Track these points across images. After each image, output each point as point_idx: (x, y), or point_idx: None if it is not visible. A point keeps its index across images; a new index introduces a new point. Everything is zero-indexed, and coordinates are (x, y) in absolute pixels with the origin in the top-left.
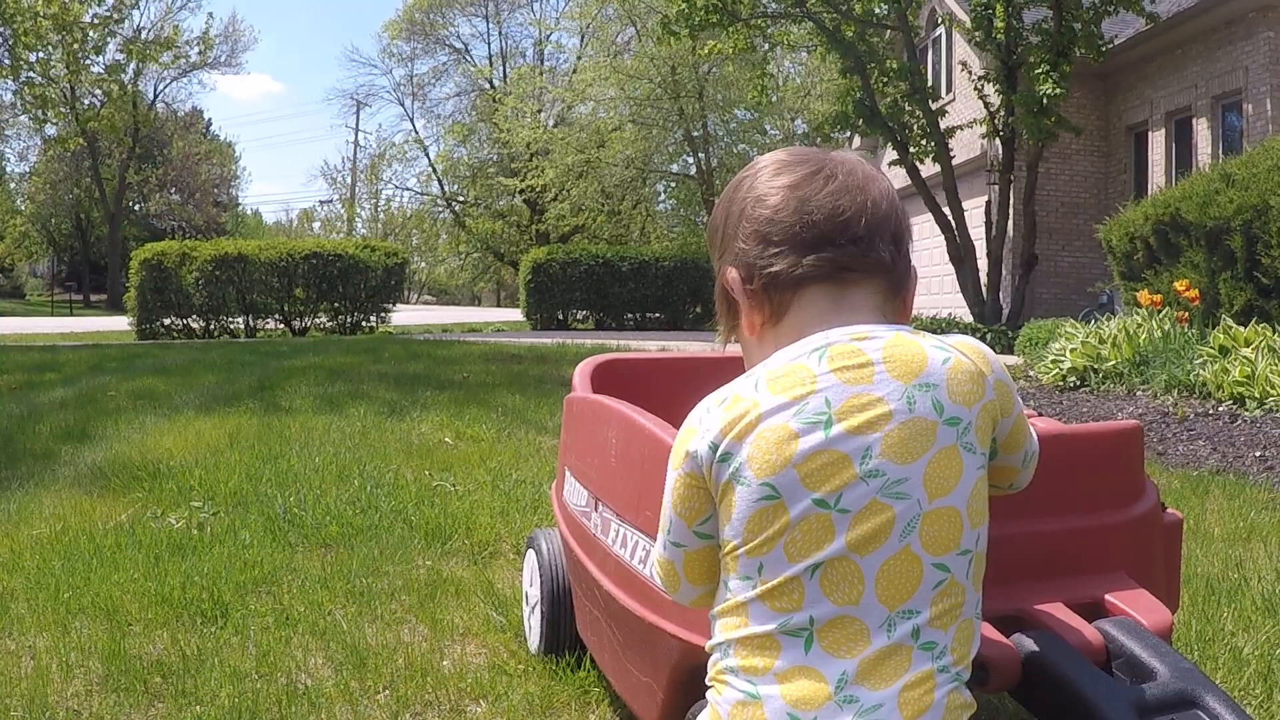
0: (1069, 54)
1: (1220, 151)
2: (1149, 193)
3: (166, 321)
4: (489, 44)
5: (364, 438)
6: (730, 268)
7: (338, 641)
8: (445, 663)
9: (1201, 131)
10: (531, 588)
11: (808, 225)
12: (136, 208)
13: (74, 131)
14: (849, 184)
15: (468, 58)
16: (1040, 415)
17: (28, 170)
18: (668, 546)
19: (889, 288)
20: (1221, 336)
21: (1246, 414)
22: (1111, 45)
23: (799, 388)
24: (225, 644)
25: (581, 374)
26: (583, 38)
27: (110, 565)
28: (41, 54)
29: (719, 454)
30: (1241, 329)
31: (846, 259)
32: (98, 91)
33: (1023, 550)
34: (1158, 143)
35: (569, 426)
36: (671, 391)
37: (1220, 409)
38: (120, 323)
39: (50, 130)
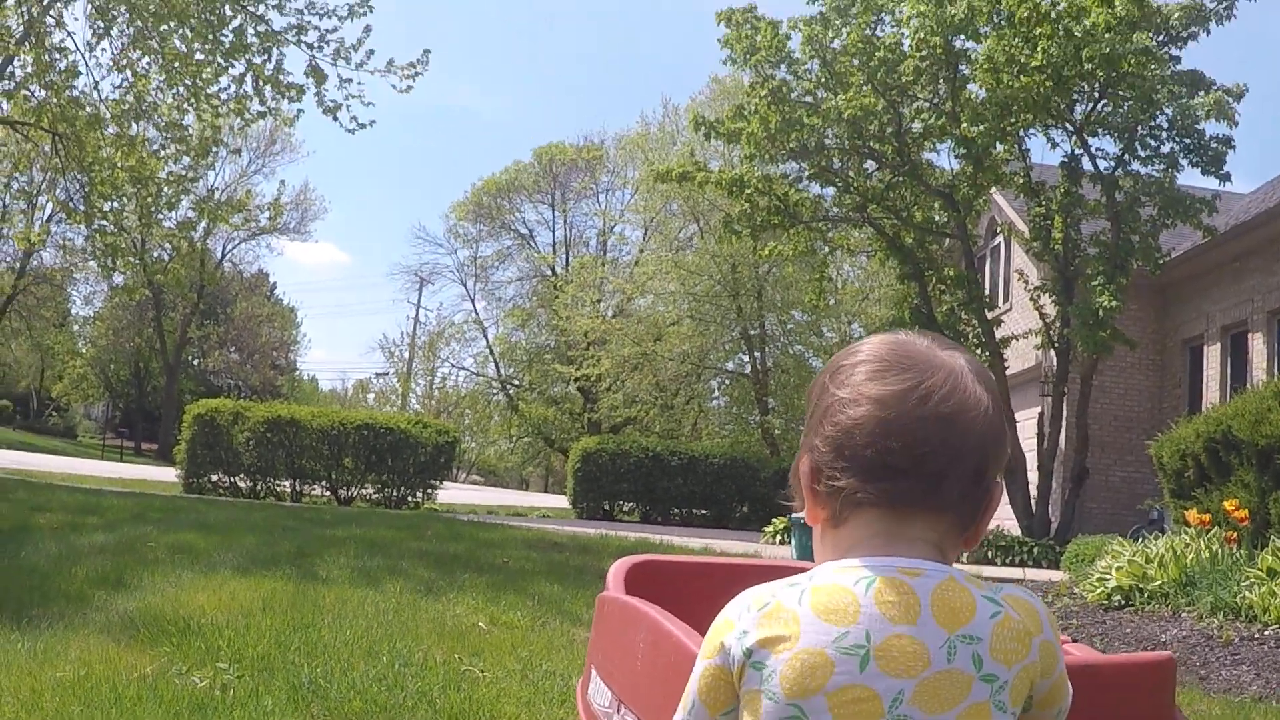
0: (1126, 266)
1: (1276, 367)
2: (1203, 407)
3: (214, 478)
4: (553, 231)
5: (397, 615)
6: (806, 455)
7: None
8: None
9: (1257, 346)
10: None
11: (882, 451)
12: (195, 362)
13: (141, 282)
14: (940, 411)
15: (532, 243)
16: (1076, 641)
17: (92, 314)
18: None
19: (954, 524)
20: (1270, 558)
21: None
22: (1169, 258)
23: (842, 615)
24: None
25: (616, 573)
26: (646, 231)
27: (129, 717)
28: (116, 204)
29: (752, 660)
30: None
31: (911, 495)
32: (167, 245)
33: None
34: (1213, 357)
35: (599, 625)
36: (708, 597)
37: (1266, 633)
38: (168, 474)
39: (118, 279)
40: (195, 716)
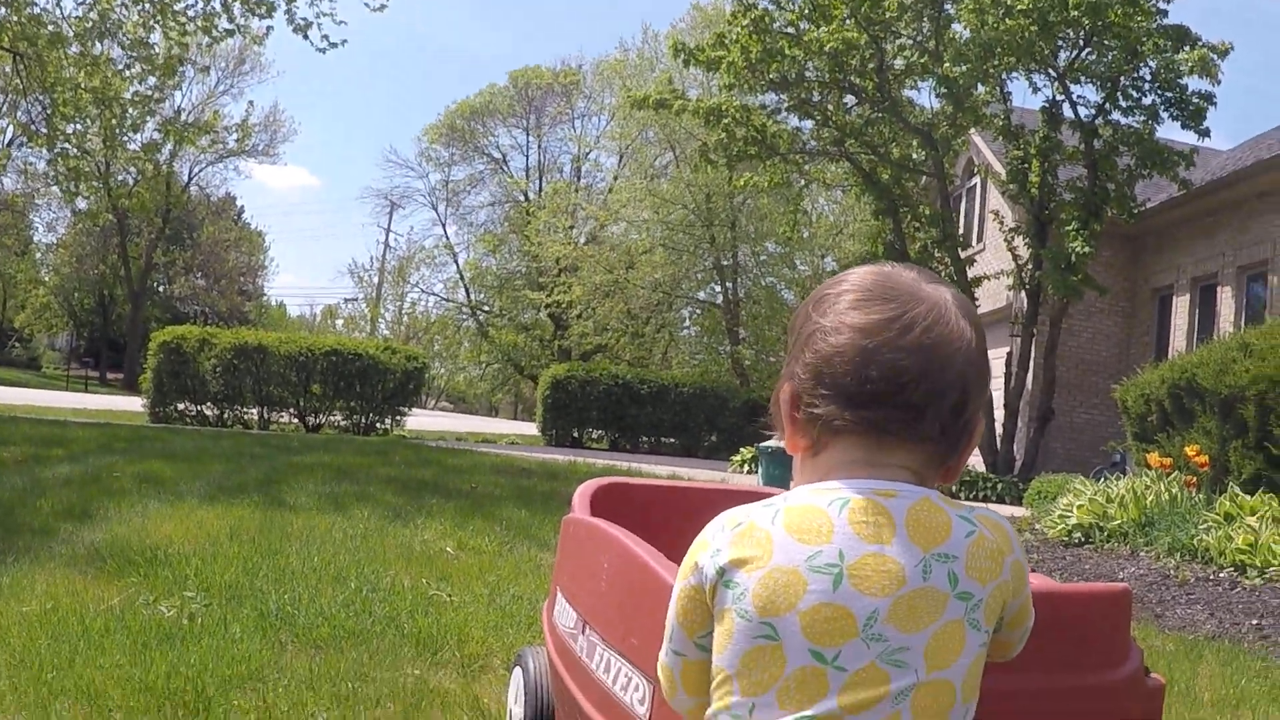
0: (1101, 213)
1: (1243, 320)
2: (1170, 355)
3: (180, 406)
4: (527, 156)
5: (365, 540)
6: (787, 384)
7: None
8: None
9: (1226, 300)
10: (516, 705)
11: (861, 380)
12: (161, 289)
13: (105, 207)
14: (923, 342)
15: (505, 168)
16: (1034, 571)
17: (55, 241)
18: (669, 654)
19: (933, 454)
20: (1228, 504)
21: (1247, 582)
22: (1144, 208)
23: (814, 533)
24: None
25: (582, 495)
26: (621, 158)
27: (97, 649)
28: (79, 126)
29: (725, 578)
30: (1248, 498)
31: (890, 424)
32: (132, 169)
33: (1003, 708)
34: (1182, 308)
35: (565, 547)
36: (674, 521)
37: (1221, 575)
38: (134, 403)
39: (81, 204)
40: (163, 646)
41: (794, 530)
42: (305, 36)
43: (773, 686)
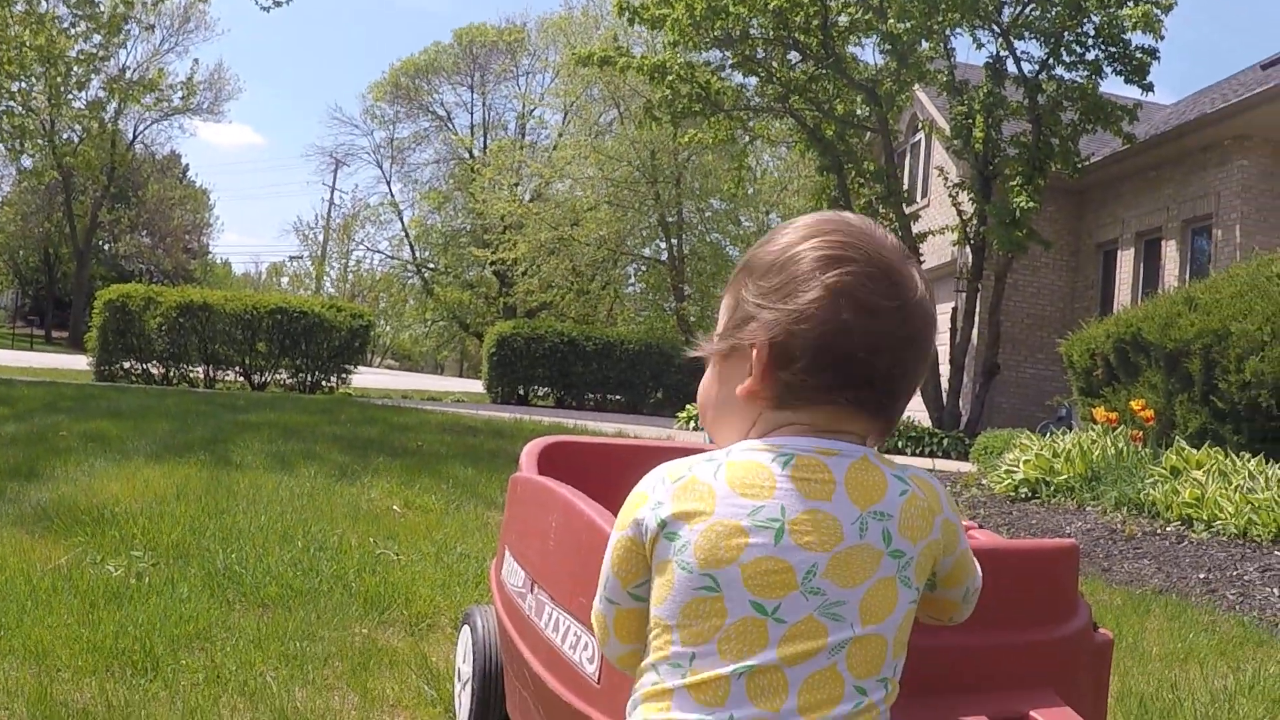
0: (1045, 168)
1: (1188, 274)
2: (1114, 309)
3: (126, 365)
4: (472, 114)
5: (311, 499)
6: (761, 330)
7: (266, 704)
8: None
9: (1170, 254)
10: (464, 664)
11: (842, 358)
12: (106, 247)
13: (50, 165)
14: (914, 331)
15: (449, 125)
16: (981, 527)
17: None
18: (603, 601)
19: (886, 425)
20: (1174, 458)
21: (1193, 536)
22: (1088, 163)
23: (757, 489)
24: (153, 697)
25: (529, 454)
26: (566, 115)
27: (44, 608)
28: (24, 84)
29: (665, 530)
30: (1194, 451)
31: (869, 403)
32: (77, 127)
33: (950, 663)
34: (1126, 261)
35: (512, 506)
36: (620, 477)
37: (1168, 529)
38: (80, 362)
39: (26, 162)
40: (111, 605)
41: (736, 485)
42: None
43: (714, 637)
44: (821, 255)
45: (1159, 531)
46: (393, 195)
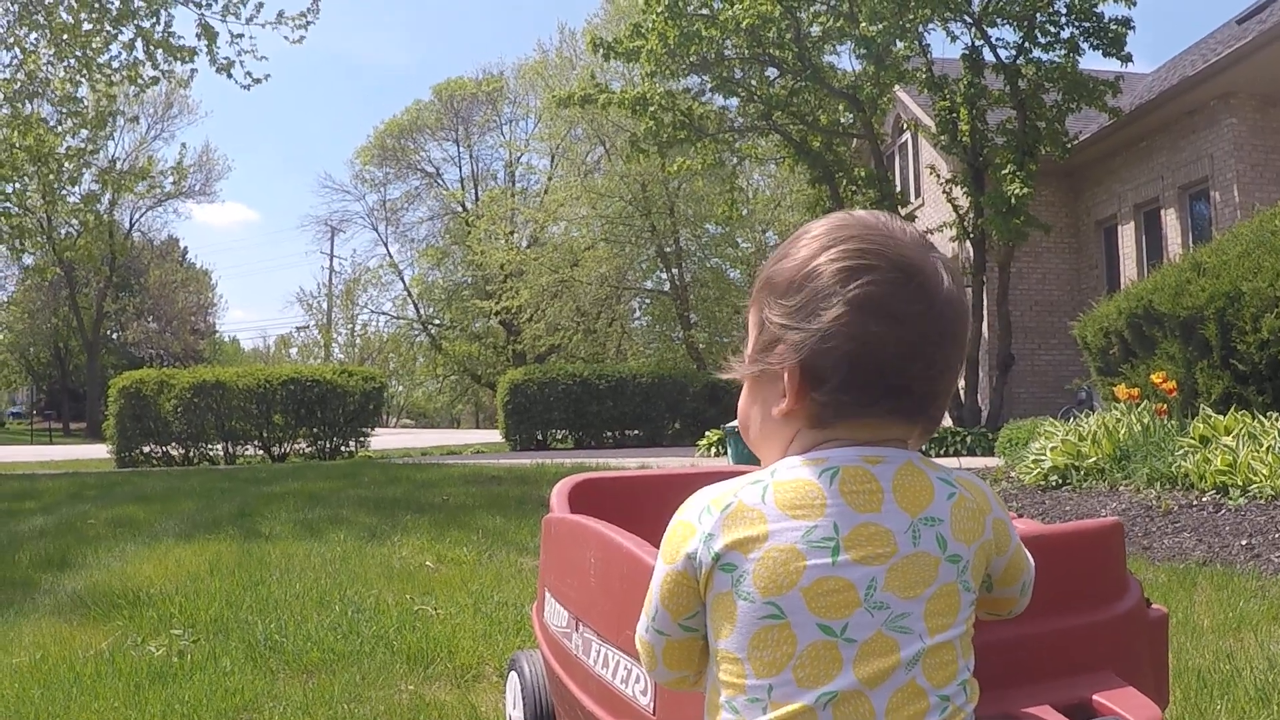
0: (1035, 153)
1: (1190, 241)
2: (1121, 286)
3: (145, 449)
4: (460, 167)
5: (344, 563)
6: (790, 350)
7: None
8: None
9: (1170, 222)
10: (515, 710)
11: (875, 372)
12: (114, 336)
13: (51, 260)
14: (950, 331)
15: (439, 181)
16: (1021, 516)
17: (5, 299)
18: (650, 631)
19: (924, 431)
20: (1201, 426)
21: (1230, 503)
22: (1076, 141)
23: (807, 508)
24: None
25: (559, 494)
26: (553, 158)
27: (90, 694)
28: (17, 185)
29: (722, 563)
30: (1221, 417)
31: (909, 409)
32: (74, 221)
33: (1007, 654)
34: (1128, 236)
35: (548, 547)
36: (652, 509)
37: (1204, 499)
38: (100, 451)
39: (28, 260)
40: (156, 685)
41: (786, 506)
42: (229, 75)
43: (787, 665)
44: (841, 267)
45: (1195, 503)
46: (391, 256)
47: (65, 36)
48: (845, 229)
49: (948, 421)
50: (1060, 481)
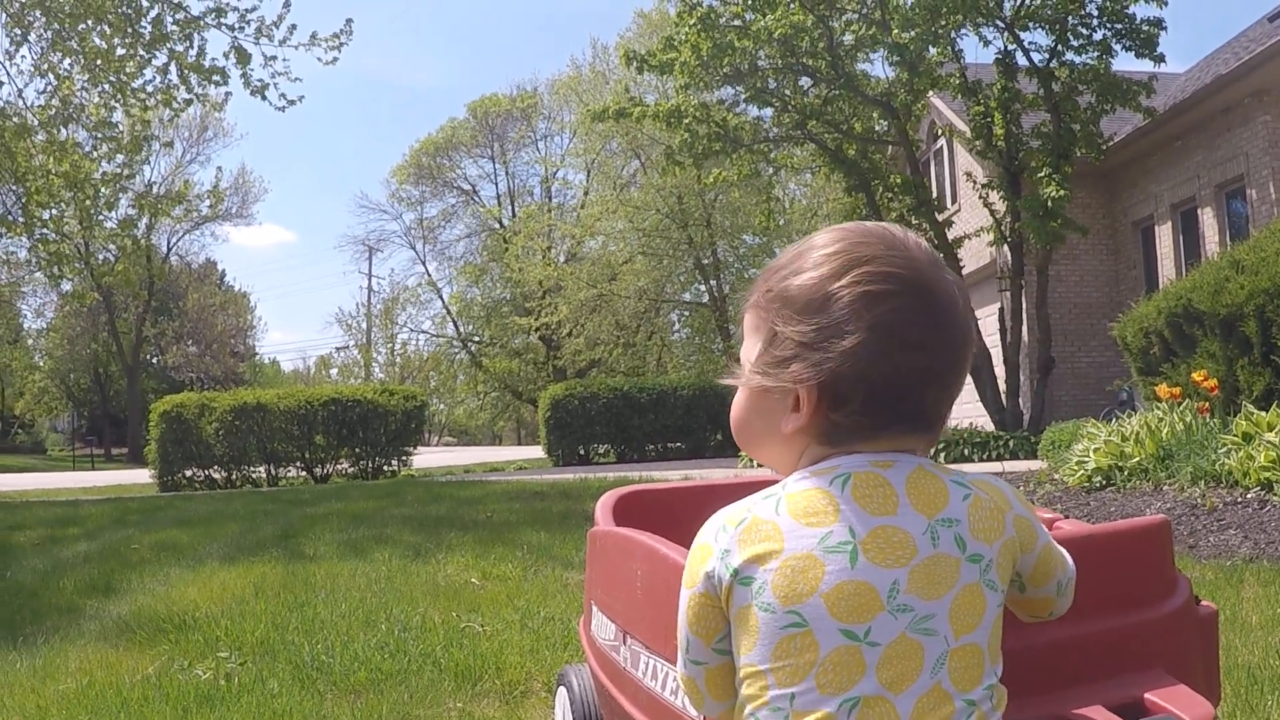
0: (1070, 155)
1: (1228, 239)
2: (1160, 286)
3: (188, 473)
4: (496, 184)
5: (389, 582)
6: (809, 371)
7: None
8: None
9: (1208, 221)
10: None
11: (894, 398)
12: (154, 360)
13: (89, 286)
14: (961, 353)
15: (476, 198)
16: (1066, 518)
17: (45, 326)
18: (688, 665)
19: (929, 442)
20: (1244, 423)
21: (1275, 499)
22: (1111, 143)
23: (821, 515)
24: None
25: (604, 507)
26: (588, 173)
27: (138, 719)
28: (54, 211)
29: (740, 578)
30: (1263, 414)
31: (920, 424)
32: (111, 246)
33: (1057, 656)
34: (1165, 236)
35: (593, 561)
36: (695, 519)
37: (1249, 496)
38: (142, 475)
39: (66, 286)
40: (203, 709)
41: (799, 515)
42: (263, 98)
43: (809, 673)
44: (863, 292)
45: (1240, 500)
46: (429, 274)
47: (99, 62)
48: (862, 247)
49: (989, 426)
50: (1104, 482)
